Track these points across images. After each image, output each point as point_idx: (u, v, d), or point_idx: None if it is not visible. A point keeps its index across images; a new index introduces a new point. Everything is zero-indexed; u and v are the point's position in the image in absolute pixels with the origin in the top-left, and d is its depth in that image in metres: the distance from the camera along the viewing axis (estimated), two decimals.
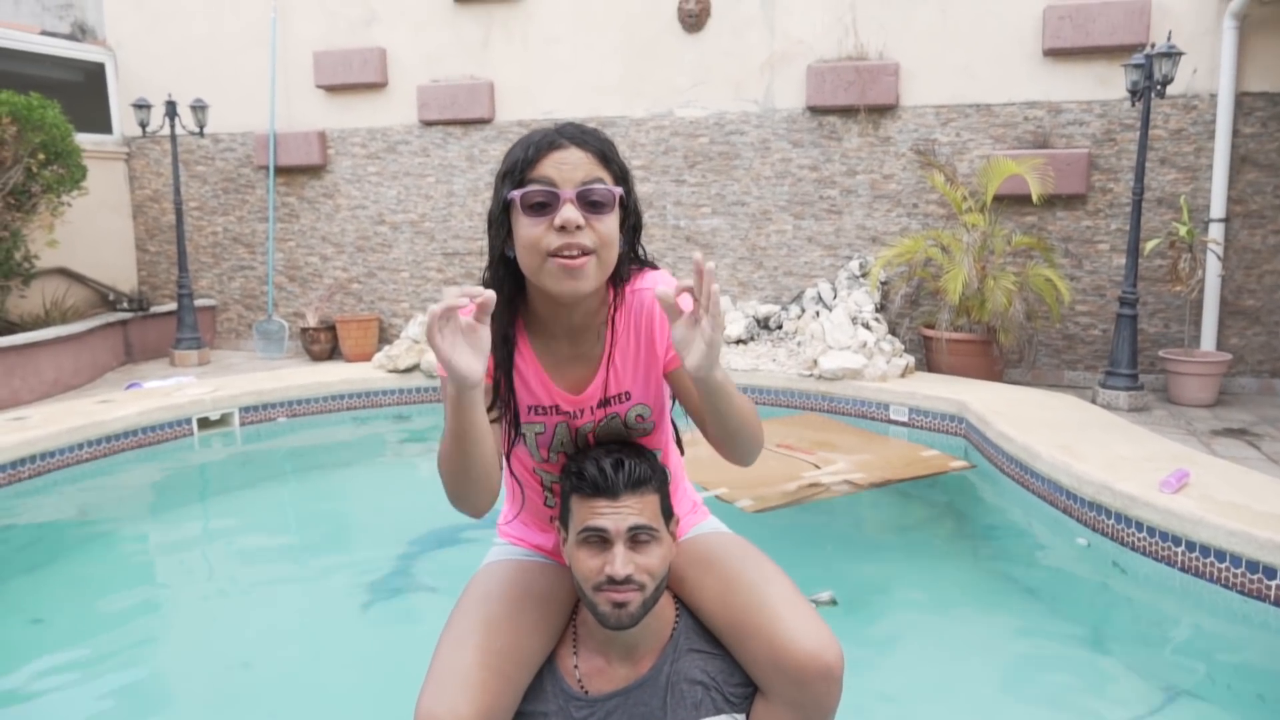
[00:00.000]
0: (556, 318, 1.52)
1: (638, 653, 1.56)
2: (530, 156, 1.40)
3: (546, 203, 1.38)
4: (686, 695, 1.53)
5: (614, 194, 1.42)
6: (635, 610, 1.45)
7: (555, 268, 1.38)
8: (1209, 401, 5.78)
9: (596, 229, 1.39)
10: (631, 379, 1.55)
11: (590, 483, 1.46)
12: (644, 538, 1.46)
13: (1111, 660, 2.97)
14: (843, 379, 5.70)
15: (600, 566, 1.44)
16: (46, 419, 4.92)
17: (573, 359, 1.55)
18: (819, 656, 1.43)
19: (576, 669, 1.57)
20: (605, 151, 1.45)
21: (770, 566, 1.62)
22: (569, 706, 1.53)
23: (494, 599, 1.58)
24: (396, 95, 7.93)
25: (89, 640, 3.12)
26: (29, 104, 6.52)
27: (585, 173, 1.40)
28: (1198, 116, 6.15)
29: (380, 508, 4.62)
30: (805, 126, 7.01)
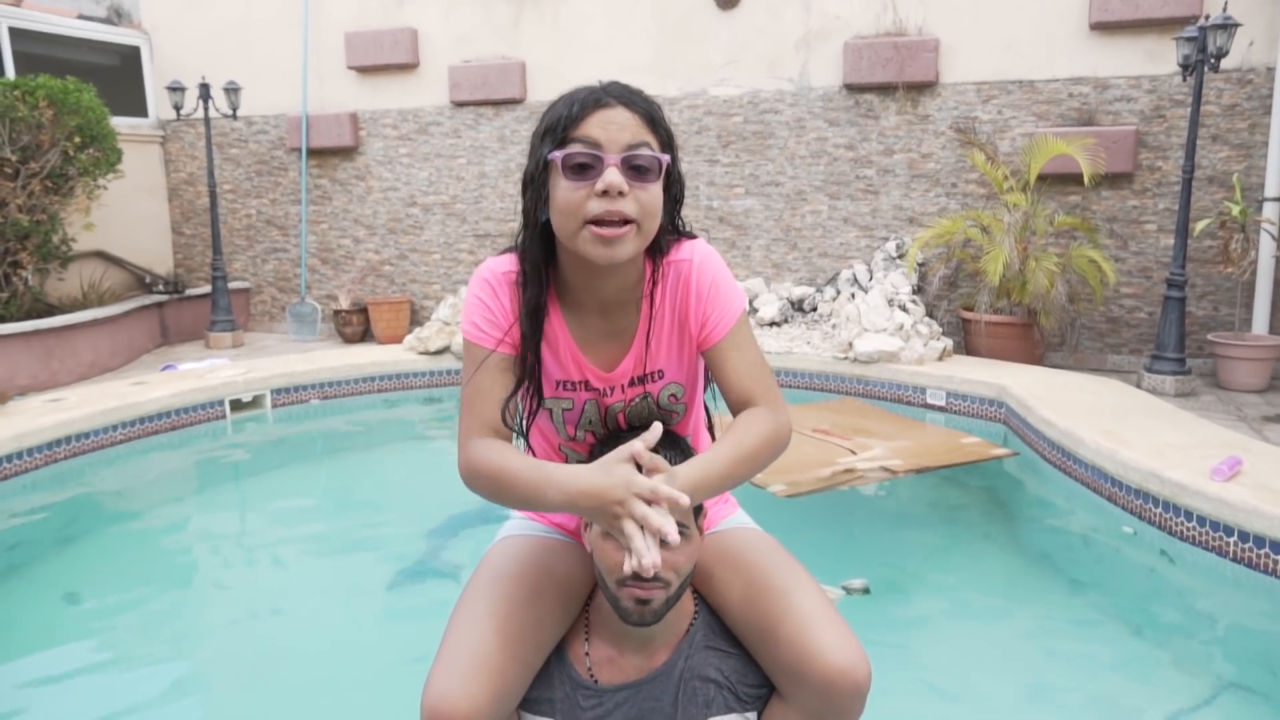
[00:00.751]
0: (590, 289, 1.44)
1: (652, 645, 1.50)
2: (574, 114, 1.31)
3: (589, 164, 1.30)
4: (699, 693, 1.48)
5: (661, 161, 1.34)
6: (659, 608, 1.39)
7: (592, 235, 1.30)
8: (1260, 387, 5.59)
9: (640, 197, 1.31)
10: (666, 357, 1.48)
11: None
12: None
13: (1157, 652, 2.87)
14: (878, 362, 5.59)
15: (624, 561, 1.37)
16: (82, 400, 4.96)
17: (605, 334, 1.47)
18: (849, 673, 1.37)
19: (587, 656, 1.52)
20: (653, 114, 1.36)
21: (801, 572, 1.55)
22: (576, 695, 1.48)
23: (515, 577, 1.52)
24: (428, 76, 7.89)
25: (122, 617, 3.14)
26: (65, 88, 6.56)
27: (632, 135, 1.31)
28: (1253, 91, 5.93)
29: (410, 489, 4.61)
30: (841, 105, 6.87)
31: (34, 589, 3.39)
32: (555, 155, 1.31)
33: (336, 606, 3.22)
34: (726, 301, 1.46)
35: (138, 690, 2.66)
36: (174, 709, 2.58)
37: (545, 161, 1.34)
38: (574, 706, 1.48)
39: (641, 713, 1.47)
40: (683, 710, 1.47)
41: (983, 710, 2.50)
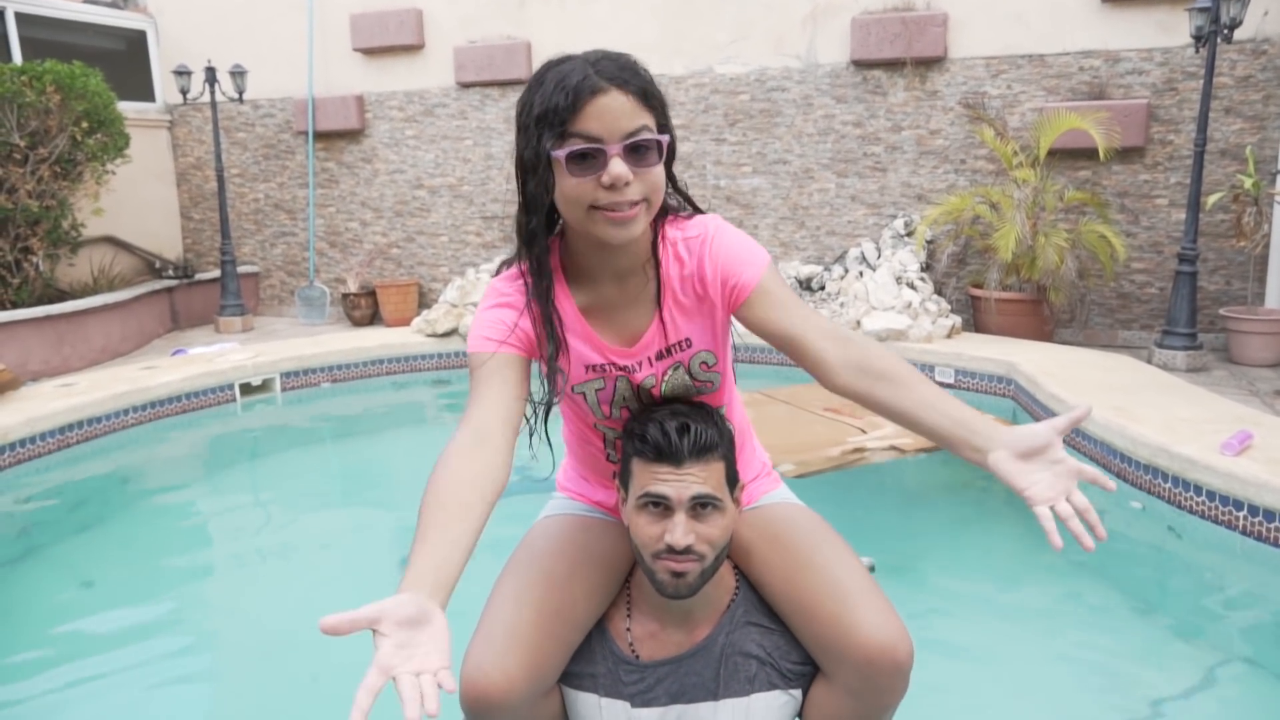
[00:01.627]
0: (602, 263, 1.43)
1: (693, 620, 1.50)
2: (571, 104, 1.28)
3: (592, 156, 1.28)
4: (740, 668, 1.48)
5: (661, 142, 1.32)
6: (694, 580, 1.39)
7: (603, 218, 1.30)
8: (1273, 361, 5.55)
9: (644, 180, 1.31)
10: (689, 325, 1.46)
11: (653, 447, 1.38)
12: (707, 507, 1.38)
13: (1165, 626, 2.87)
14: (887, 340, 5.57)
15: (660, 534, 1.37)
16: (93, 385, 4.99)
17: (623, 306, 1.46)
18: (891, 651, 1.37)
19: (629, 632, 1.52)
20: (645, 88, 1.33)
21: (843, 548, 1.54)
22: (618, 670, 1.49)
23: (553, 555, 1.53)
24: (433, 57, 7.86)
25: (135, 598, 3.18)
26: (72, 73, 6.57)
27: (629, 120, 1.28)
28: (1267, 62, 5.85)
29: (419, 471, 4.59)
30: (849, 81, 6.81)
31: (48, 571, 3.43)
32: (558, 154, 1.29)
33: (347, 588, 3.24)
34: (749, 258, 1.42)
35: (153, 670, 2.70)
36: (189, 688, 2.62)
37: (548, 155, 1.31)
38: (616, 681, 1.49)
39: (683, 687, 1.47)
40: (724, 685, 1.47)
41: (991, 685, 2.51)
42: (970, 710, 2.40)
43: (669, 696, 1.48)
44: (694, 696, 1.47)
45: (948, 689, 2.48)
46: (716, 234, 1.43)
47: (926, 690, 2.44)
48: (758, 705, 1.47)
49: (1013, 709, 2.41)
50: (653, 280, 1.45)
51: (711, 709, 1.47)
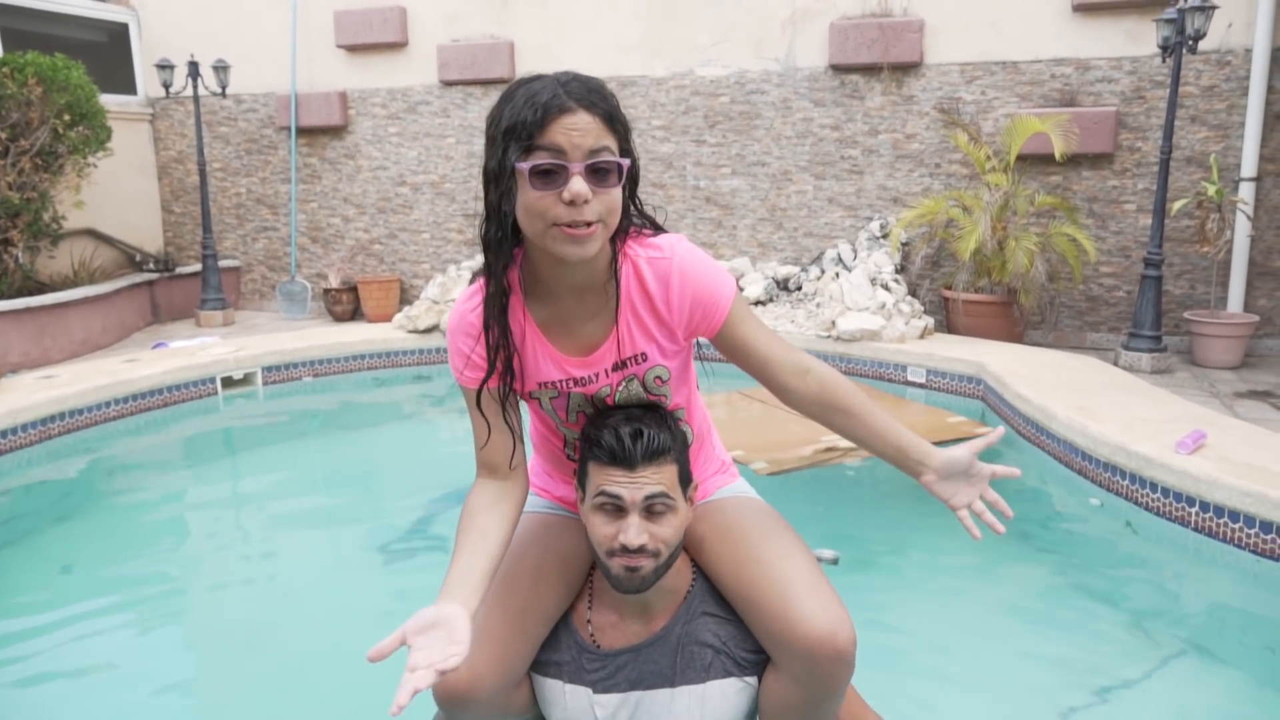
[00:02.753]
0: (560, 278, 1.48)
1: (651, 612, 1.57)
2: (538, 120, 1.32)
3: (555, 172, 1.33)
4: (697, 657, 1.55)
5: (622, 165, 1.38)
6: (647, 576, 1.46)
7: (561, 234, 1.34)
8: (1234, 364, 5.71)
9: (603, 199, 1.35)
10: (646, 341, 1.51)
11: (608, 451, 1.44)
12: (659, 507, 1.45)
13: (1122, 617, 2.98)
14: (861, 340, 5.68)
15: (614, 534, 1.44)
16: (74, 377, 5.02)
17: (582, 319, 1.51)
18: (829, 640, 1.42)
19: (590, 623, 1.60)
20: (611, 112, 1.39)
21: (791, 541, 1.60)
22: (581, 658, 1.57)
23: (518, 556, 1.60)
24: (417, 55, 7.91)
25: (117, 589, 3.22)
26: (54, 65, 6.57)
27: (594, 140, 1.34)
28: (1231, 73, 6.01)
29: (401, 466, 4.69)
30: (827, 85, 6.92)
31: (30, 562, 3.46)
32: (522, 166, 1.33)
33: (328, 579, 3.30)
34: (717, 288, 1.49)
35: (134, 660, 2.74)
36: (168, 679, 2.66)
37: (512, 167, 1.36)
38: (579, 669, 1.56)
39: (642, 675, 1.54)
40: (681, 673, 1.54)
41: (955, 672, 2.60)
42: (934, 696, 2.49)
43: (629, 683, 1.55)
44: (652, 683, 1.54)
45: (913, 676, 2.58)
46: (683, 260, 1.48)
47: (893, 677, 2.55)
48: (713, 692, 1.54)
49: (976, 694, 2.51)
50: (612, 296, 1.49)
51: (669, 695, 1.54)
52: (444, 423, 5.39)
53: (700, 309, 1.49)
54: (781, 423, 4.68)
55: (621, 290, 1.49)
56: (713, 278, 1.50)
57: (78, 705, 2.49)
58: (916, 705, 2.44)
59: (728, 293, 1.51)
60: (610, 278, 1.49)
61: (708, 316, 1.50)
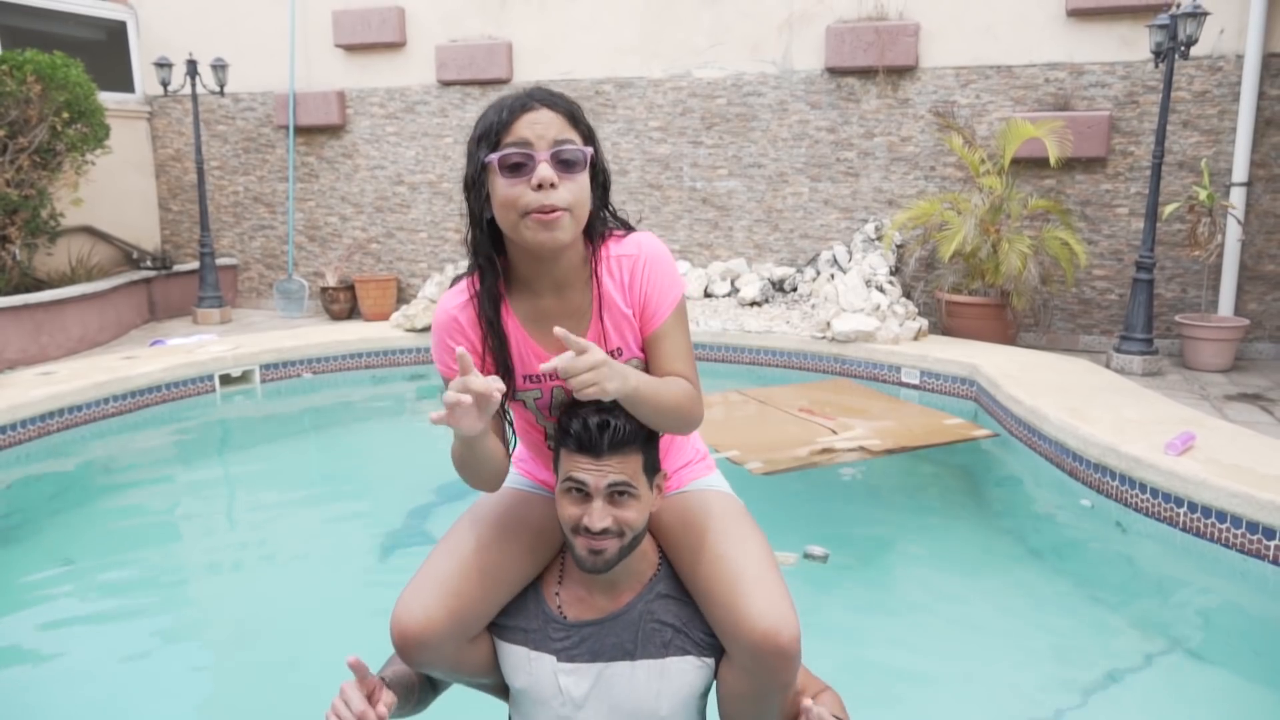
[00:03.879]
0: (540, 275, 1.58)
1: (617, 589, 1.65)
2: (504, 119, 1.46)
3: (522, 163, 1.45)
4: (657, 634, 1.63)
5: (585, 154, 1.50)
6: (611, 557, 1.54)
7: (532, 221, 1.46)
8: (1224, 367, 5.77)
9: (570, 187, 1.47)
10: (620, 335, 1.61)
11: (575, 439, 1.53)
12: (623, 495, 1.53)
13: (1111, 616, 3.03)
14: (855, 341, 5.72)
15: (580, 515, 1.53)
16: (73, 374, 5.04)
17: (561, 317, 1.60)
18: (773, 636, 1.49)
19: (558, 595, 1.68)
20: (574, 112, 1.52)
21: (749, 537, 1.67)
22: (547, 627, 1.65)
23: (489, 521, 1.70)
24: (415, 55, 7.94)
25: (115, 585, 3.25)
26: (53, 63, 6.59)
27: (557, 132, 1.47)
28: (1223, 78, 6.06)
29: (397, 463, 4.72)
30: (823, 88, 6.97)
31: (30, 556, 3.49)
32: (491, 158, 1.46)
33: (325, 576, 3.34)
34: (664, 292, 1.61)
35: (132, 654, 2.77)
36: (167, 672, 2.69)
37: (483, 165, 1.50)
38: (545, 638, 1.65)
39: (604, 647, 1.63)
40: (641, 648, 1.62)
41: (947, 668, 2.65)
42: (924, 695, 2.54)
43: (591, 655, 1.63)
44: (613, 656, 1.63)
45: (903, 675, 2.63)
46: (649, 256, 1.60)
47: (883, 676, 2.59)
48: (672, 668, 1.62)
49: (966, 693, 2.55)
50: (590, 294, 1.60)
51: (629, 668, 1.62)
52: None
53: (650, 306, 1.60)
54: (778, 423, 4.72)
55: (600, 288, 1.59)
56: (669, 283, 1.62)
57: (77, 697, 2.52)
58: (906, 704, 2.49)
59: (672, 301, 1.62)
60: (588, 275, 1.59)
61: (648, 318, 1.62)
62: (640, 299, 1.60)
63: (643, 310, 1.60)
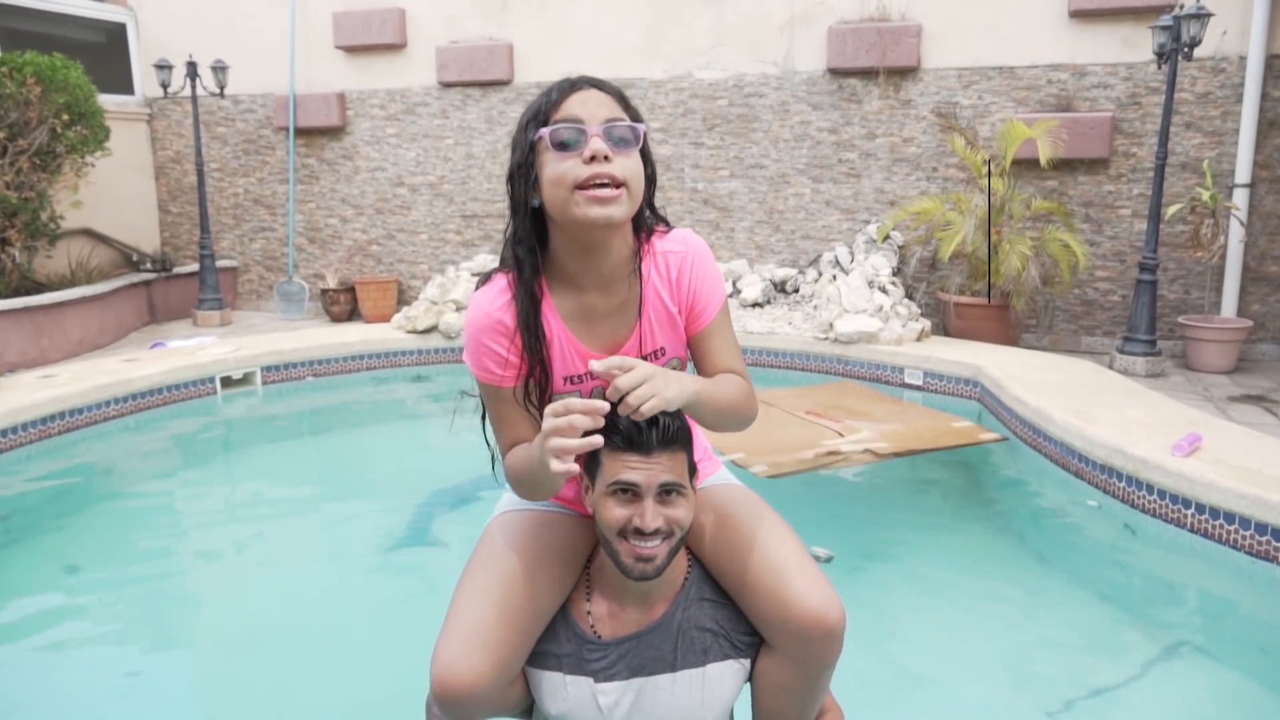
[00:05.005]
0: (586, 269, 1.53)
1: (650, 599, 1.60)
2: (554, 99, 1.45)
3: (574, 139, 1.42)
4: (696, 641, 1.58)
5: (638, 130, 1.46)
6: (661, 563, 1.48)
7: (586, 198, 1.41)
8: (1228, 368, 5.76)
9: (624, 163, 1.43)
10: (663, 334, 1.59)
11: (625, 437, 1.47)
12: (672, 494, 1.48)
13: (1118, 617, 3.01)
14: (858, 342, 5.71)
15: (628, 516, 1.46)
16: (74, 377, 5.02)
17: (606, 314, 1.56)
18: (822, 617, 1.48)
19: (589, 614, 1.62)
20: (623, 96, 1.50)
21: (777, 523, 1.66)
22: (582, 649, 1.59)
23: (514, 552, 1.62)
24: (415, 56, 7.92)
25: (117, 588, 3.23)
26: (53, 64, 6.57)
27: (609, 110, 1.44)
28: (1226, 79, 6.06)
29: (399, 465, 4.70)
30: (825, 89, 6.96)
31: (31, 560, 3.47)
32: (543, 133, 1.43)
33: (327, 578, 3.32)
34: (713, 289, 1.59)
35: (135, 657, 2.76)
36: (169, 676, 2.68)
37: (532, 144, 1.45)
38: (580, 660, 1.58)
39: (643, 662, 1.57)
40: (682, 658, 1.57)
41: (946, 674, 2.63)
42: (930, 695, 2.52)
43: (630, 671, 1.57)
44: (654, 669, 1.57)
45: (909, 676, 2.61)
46: (696, 254, 1.58)
47: (889, 677, 2.57)
48: (713, 674, 1.58)
49: (971, 694, 2.53)
50: (636, 289, 1.56)
51: (670, 680, 1.57)
52: (442, 423, 5.40)
53: (699, 303, 1.58)
54: (784, 426, 4.70)
55: (644, 283, 1.56)
56: (715, 279, 1.60)
57: (79, 702, 2.50)
58: (911, 705, 2.47)
59: (720, 298, 1.61)
60: (633, 269, 1.55)
61: (696, 316, 1.59)
62: (689, 297, 1.57)
63: (690, 308, 1.58)
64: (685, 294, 1.57)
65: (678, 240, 1.58)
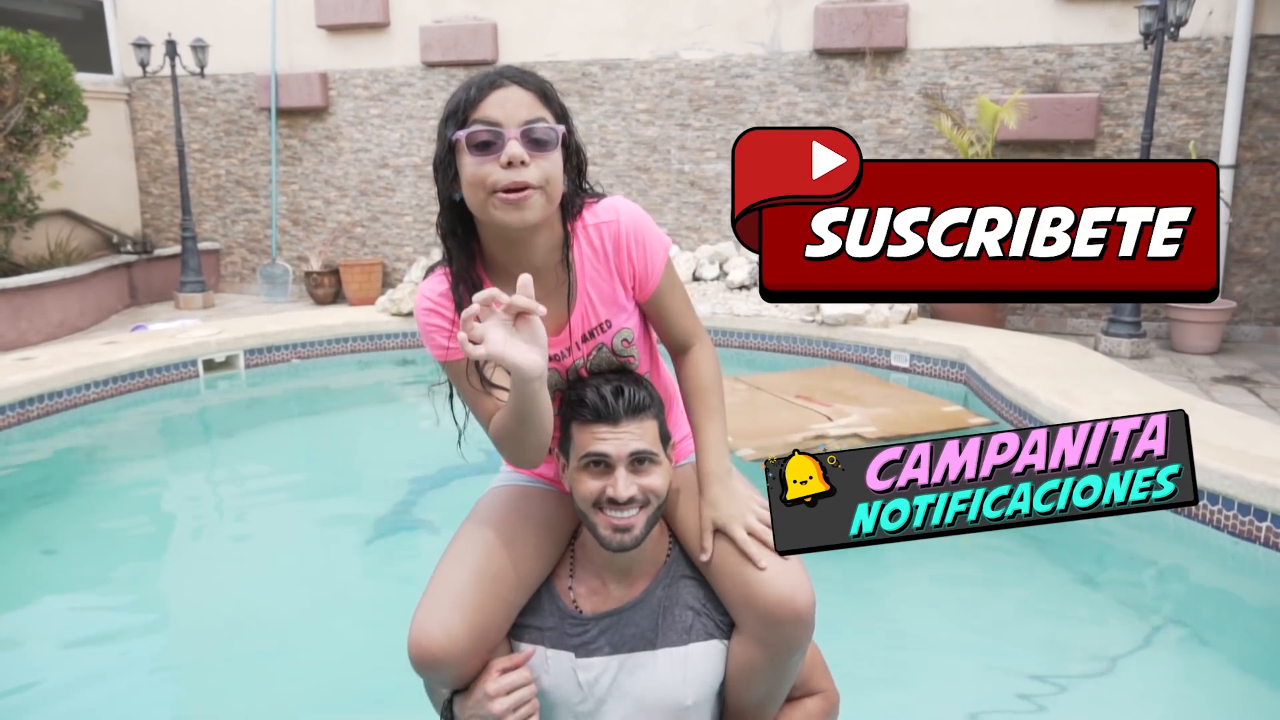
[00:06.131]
0: (515, 260, 1.52)
1: (631, 576, 1.60)
2: (473, 97, 1.42)
3: (491, 141, 1.39)
4: (678, 619, 1.57)
5: (557, 132, 1.44)
6: (639, 533, 1.49)
7: (500, 201, 1.40)
8: (1211, 349, 5.79)
9: (541, 165, 1.41)
10: (607, 308, 1.57)
11: (591, 409, 1.49)
12: (644, 462, 1.49)
13: (1103, 599, 3.04)
14: (845, 325, 5.71)
15: (602, 488, 1.47)
16: (53, 359, 4.96)
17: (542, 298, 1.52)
18: (789, 601, 1.47)
19: (571, 590, 1.62)
20: (546, 90, 1.47)
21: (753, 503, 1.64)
22: (564, 624, 1.59)
23: (493, 524, 1.63)
24: (399, 36, 7.83)
25: (97, 572, 3.21)
26: (28, 42, 6.46)
27: (528, 111, 1.41)
28: (1211, 60, 6.06)
29: (384, 448, 4.68)
30: (812, 70, 6.92)
31: (10, 543, 3.44)
32: (459, 135, 1.41)
33: (311, 561, 3.30)
34: (655, 252, 1.57)
35: (115, 641, 2.74)
36: (150, 659, 2.66)
37: (451, 143, 1.44)
38: (562, 634, 1.59)
39: (624, 638, 1.57)
40: (663, 635, 1.57)
41: (934, 658, 2.64)
42: (918, 678, 2.53)
43: (611, 647, 1.57)
44: (634, 646, 1.57)
45: (898, 660, 2.62)
46: (629, 221, 1.55)
47: (878, 661, 2.58)
48: (695, 653, 1.57)
49: (959, 675, 2.54)
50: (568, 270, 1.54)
51: (651, 657, 1.57)
52: (428, 406, 5.37)
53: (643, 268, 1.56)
54: (772, 409, 4.69)
55: (575, 264, 1.54)
56: (654, 242, 1.58)
57: (56, 684, 2.48)
58: (902, 688, 2.48)
59: (662, 259, 1.59)
60: (563, 256, 1.54)
61: (643, 279, 1.57)
62: (630, 264, 1.55)
63: (634, 275, 1.56)
64: (624, 263, 1.55)
65: (608, 210, 1.55)
